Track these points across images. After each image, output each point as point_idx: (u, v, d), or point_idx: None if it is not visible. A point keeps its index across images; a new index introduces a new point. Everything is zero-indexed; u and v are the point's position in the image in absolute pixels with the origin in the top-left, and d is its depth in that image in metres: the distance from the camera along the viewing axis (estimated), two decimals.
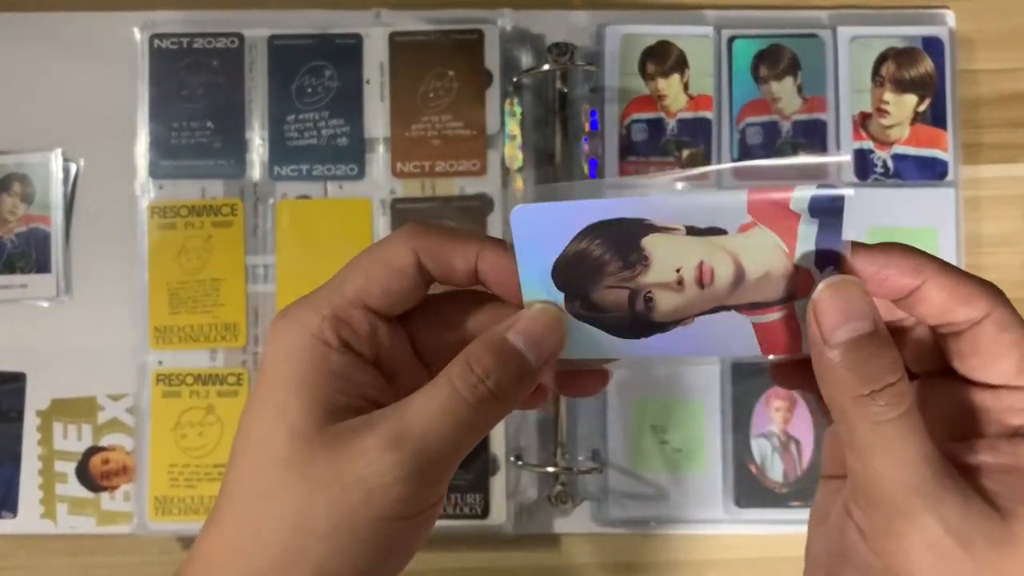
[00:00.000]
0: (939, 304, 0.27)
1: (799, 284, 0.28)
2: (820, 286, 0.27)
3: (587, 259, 0.29)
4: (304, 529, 0.27)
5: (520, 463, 0.54)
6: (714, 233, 0.28)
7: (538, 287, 0.29)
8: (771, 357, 0.29)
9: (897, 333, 0.29)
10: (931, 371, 0.29)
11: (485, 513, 0.54)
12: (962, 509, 0.25)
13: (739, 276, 0.28)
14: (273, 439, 0.28)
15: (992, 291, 0.27)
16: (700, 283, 0.29)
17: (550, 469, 0.53)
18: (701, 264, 0.28)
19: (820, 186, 0.28)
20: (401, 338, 0.31)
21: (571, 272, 0.29)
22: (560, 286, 0.29)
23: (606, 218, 0.28)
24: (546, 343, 0.29)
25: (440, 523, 0.54)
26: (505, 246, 0.29)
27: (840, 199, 0.28)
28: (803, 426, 0.55)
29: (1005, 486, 0.25)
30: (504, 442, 0.54)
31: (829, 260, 0.28)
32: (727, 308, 0.29)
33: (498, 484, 0.54)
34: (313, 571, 0.27)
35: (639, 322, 0.29)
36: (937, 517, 0.25)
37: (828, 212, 0.28)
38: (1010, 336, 0.26)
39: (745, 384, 0.54)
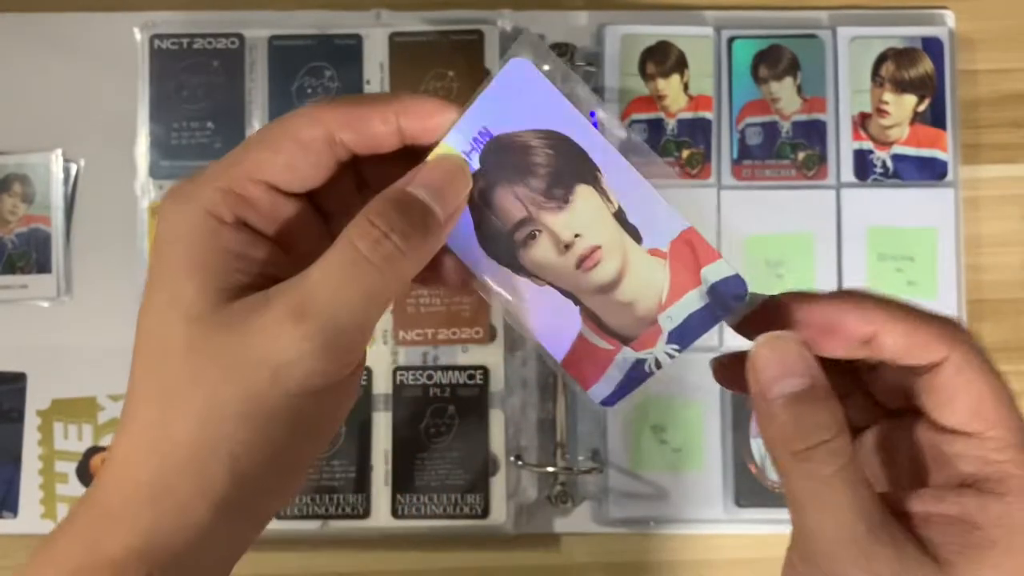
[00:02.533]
0: (895, 352, 0.27)
1: (645, 335, 0.28)
2: (758, 340, 0.27)
3: (525, 156, 0.28)
4: (214, 418, 0.25)
5: (520, 463, 0.54)
6: (632, 233, 0.28)
7: (462, 140, 0.28)
8: (564, 373, 0.29)
9: (868, 369, 0.29)
10: (903, 408, 0.29)
11: (485, 513, 0.54)
12: (896, 563, 0.25)
13: (612, 285, 0.28)
14: (169, 329, 0.26)
15: (950, 331, 0.26)
16: (580, 263, 0.28)
17: (550, 469, 0.54)
18: (596, 249, 0.28)
19: (735, 276, 0.28)
20: (309, 216, 0.28)
21: (501, 155, 0.28)
22: (482, 157, 0.28)
23: (575, 139, 0.28)
24: (450, 192, 0.27)
25: (440, 523, 0.55)
26: (431, 102, 0.28)
27: (741, 298, 0.28)
28: None
29: (946, 537, 0.25)
30: (504, 442, 0.54)
31: (684, 339, 0.28)
32: (577, 303, 0.28)
33: (498, 484, 0.54)
34: (228, 459, 0.25)
35: (505, 247, 0.28)
36: (869, 572, 0.25)
37: (720, 300, 0.28)
38: (966, 378, 0.26)
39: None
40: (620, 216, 0.28)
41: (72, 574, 0.26)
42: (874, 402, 0.30)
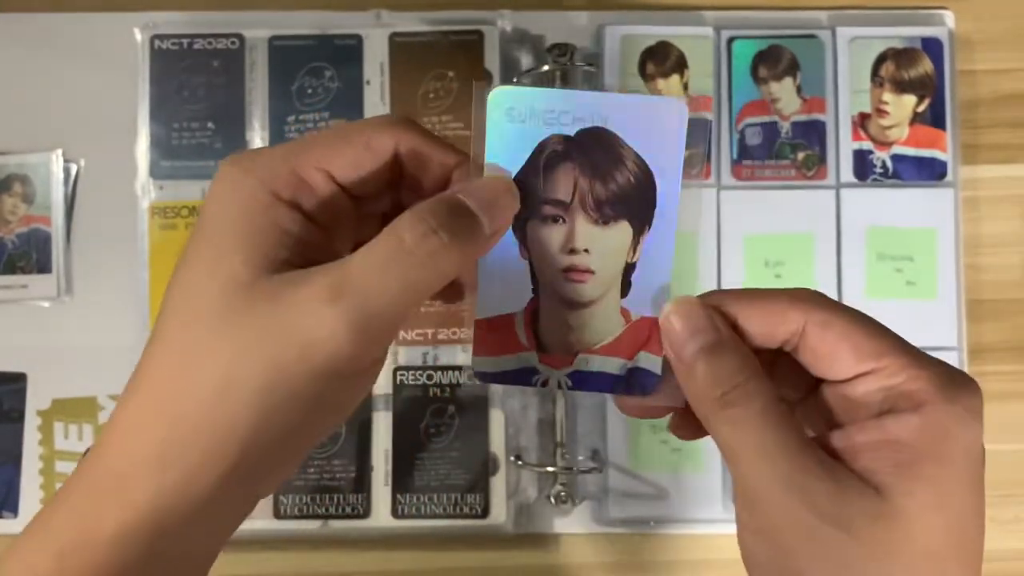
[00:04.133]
0: (760, 332, 0.28)
1: (559, 357, 0.30)
2: (665, 309, 0.28)
3: (611, 166, 0.28)
4: (233, 388, 0.25)
5: (520, 463, 0.54)
6: (624, 287, 0.29)
7: (585, 106, 0.29)
8: (472, 327, 0.30)
9: (777, 355, 0.29)
10: (812, 385, 0.29)
11: (485, 513, 0.54)
12: (834, 493, 0.25)
13: (575, 306, 0.30)
14: (206, 289, 0.26)
15: (801, 298, 0.28)
16: (569, 270, 0.29)
17: (550, 469, 0.54)
18: (589, 272, 0.29)
19: (651, 377, 0.29)
20: (352, 213, 0.29)
21: (596, 145, 0.28)
22: (582, 132, 0.29)
23: (658, 189, 0.29)
24: (499, 209, 0.28)
25: (440, 523, 0.55)
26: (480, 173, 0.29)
27: (626, 392, 0.30)
28: None
29: (879, 461, 0.26)
30: (504, 442, 0.54)
31: (581, 383, 0.30)
32: (535, 293, 0.30)
33: (498, 484, 0.54)
34: (241, 432, 0.25)
35: (526, 201, 0.29)
36: (809, 506, 0.25)
37: (627, 383, 0.30)
38: (834, 333, 0.27)
39: None
40: (629, 269, 0.29)
41: (62, 552, 0.25)
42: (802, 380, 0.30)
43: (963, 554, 0.25)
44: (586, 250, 0.29)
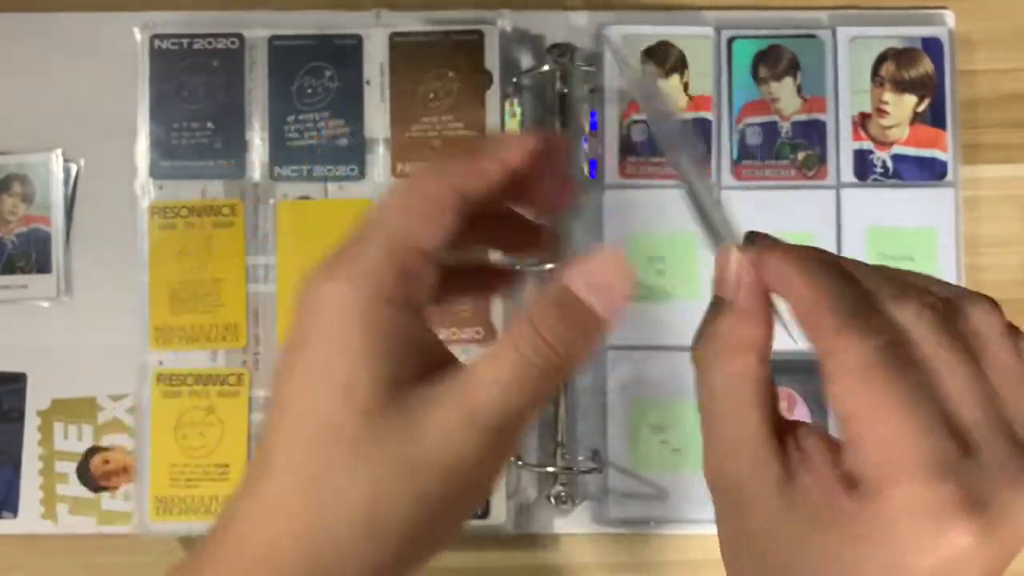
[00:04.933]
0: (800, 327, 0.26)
1: None
2: (730, 248, 0.28)
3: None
4: (379, 520, 0.25)
5: (520, 463, 0.54)
6: None
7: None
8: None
9: None
10: None
11: (485, 513, 0.54)
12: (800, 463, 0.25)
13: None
14: (338, 412, 0.25)
15: (832, 333, 0.24)
16: None
17: (550, 469, 0.54)
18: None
19: None
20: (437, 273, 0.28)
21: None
22: None
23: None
24: (616, 291, 0.27)
25: None
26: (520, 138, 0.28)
27: None
28: None
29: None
30: None
31: None
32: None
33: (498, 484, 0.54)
34: (390, 568, 0.25)
35: None
36: (765, 474, 0.25)
37: None
38: (837, 388, 0.24)
39: None
40: None
41: None
42: None
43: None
44: None
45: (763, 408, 0.26)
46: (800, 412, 0.55)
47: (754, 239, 0.28)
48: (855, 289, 0.25)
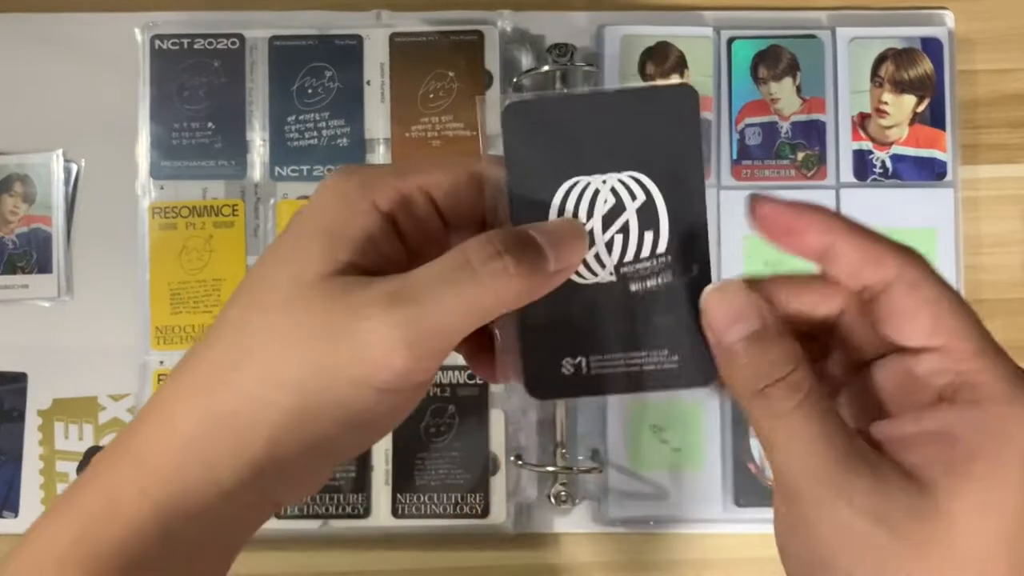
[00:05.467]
0: (849, 264, 0.27)
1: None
2: (706, 291, 0.27)
3: None
4: (276, 380, 0.26)
5: (520, 463, 0.54)
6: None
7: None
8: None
9: (828, 327, 0.29)
10: (873, 355, 0.28)
11: (485, 513, 0.54)
12: (874, 488, 0.24)
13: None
14: (271, 280, 0.27)
15: (903, 252, 0.27)
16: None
17: (550, 469, 0.54)
18: None
19: None
20: (442, 236, 0.30)
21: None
22: None
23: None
24: (567, 249, 0.28)
25: (440, 523, 0.55)
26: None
27: None
28: None
29: (927, 457, 0.25)
30: (504, 442, 0.54)
31: None
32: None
33: (498, 484, 0.54)
34: (274, 425, 0.26)
35: None
36: (846, 501, 0.24)
37: None
38: (921, 294, 0.26)
39: None
40: None
41: (84, 524, 0.26)
42: (852, 360, 0.29)
43: (1010, 562, 0.24)
44: None
45: (837, 416, 0.26)
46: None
47: (756, 200, 0.29)
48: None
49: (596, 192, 0.29)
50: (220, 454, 0.26)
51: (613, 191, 0.29)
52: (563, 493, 0.54)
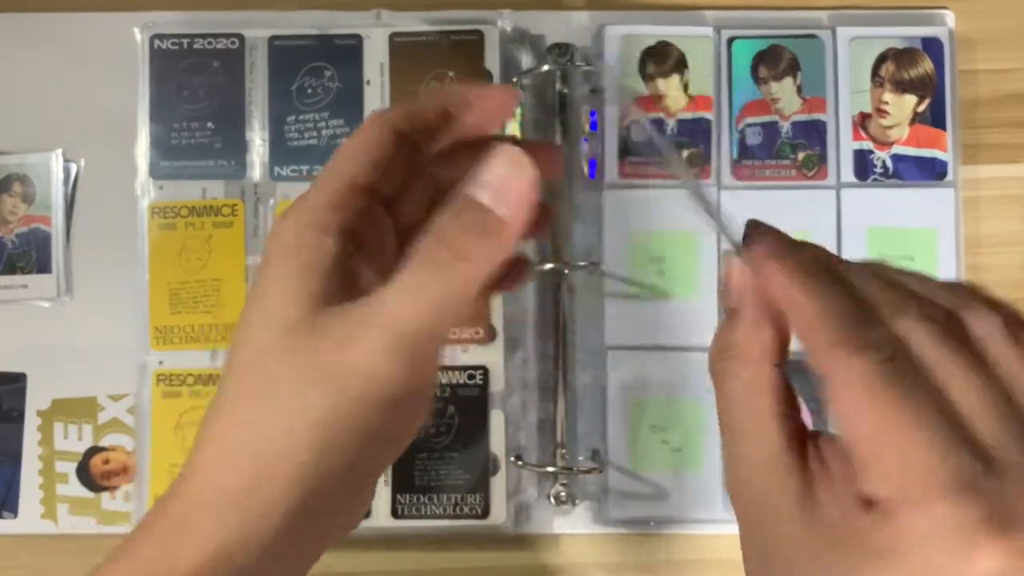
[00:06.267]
0: (798, 339, 0.25)
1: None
2: (733, 259, 0.27)
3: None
4: (296, 424, 0.26)
5: (520, 463, 0.54)
6: None
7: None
8: None
9: None
10: None
11: (485, 513, 0.54)
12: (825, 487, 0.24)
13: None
14: (261, 336, 0.27)
15: (842, 343, 0.23)
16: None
17: (550, 469, 0.54)
18: None
19: None
20: (390, 226, 0.30)
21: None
22: None
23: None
24: (514, 188, 0.27)
25: (440, 523, 0.55)
26: (484, 87, 0.30)
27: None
28: None
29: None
30: (504, 442, 0.54)
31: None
32: None
33: (498, 484, 0.54)
34: (304, 466, 0.26)
35: None
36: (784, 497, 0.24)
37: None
38: (843, 404, 0.23)
39: None
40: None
41: None
42: None
43: None
44: None
45: (780, 418, 0.26)
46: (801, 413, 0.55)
47: (752, 232, 0.27)
48: (853, 302, 0.24)
49: None
50: (265, 503, 0.26)
51: None
52: (563, 493, 0.54)
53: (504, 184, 0.27)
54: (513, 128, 0.55)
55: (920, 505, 0.21)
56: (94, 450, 0.56)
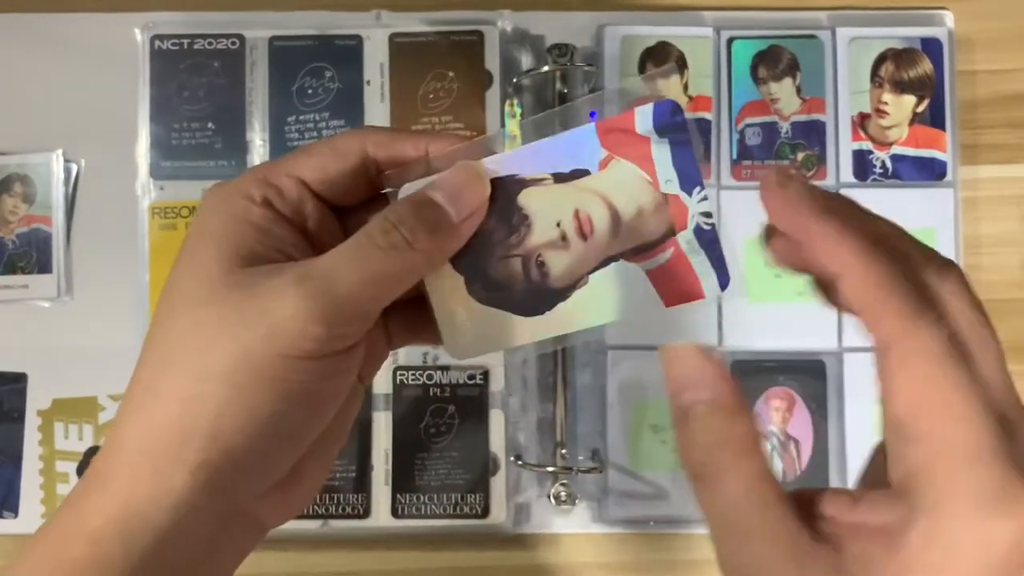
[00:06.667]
0: (853, 308, 0.25)
1: (675, 214, 0.28)
2: (661, 348, 0.27)
3: (475, 232, 0.30)
4: (204, 373, 0.26)
5: (520, 463, 0.54)
6: (578, 175, 0.29)
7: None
8: (675, 307, 0.29)
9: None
10: None
11: (485, 513, 0.54)
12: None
13: (615, 218, 0.29)
14: (183, 286, 0.28)
15: (908, 314, 0.24)
16: (581, 233, 0.29)
17: (550, 469, 0.54)
18: (577, 212, 0.29)
19: (656, 103, 0.28)
20: (335, 225, 0.31)
21: (465, 251, 0.30)
22: (460, 269, 0.30)
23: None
24: (466, 196, 0.29)
25: (440, 523, 0.55)
26: (458, 138, 0.31)
27: (678, 110, 0.27)
28: (802, 426, 0.55)
29: (867, 555, 0.24)
30: (504, 442, 0.54)
31: (693, 181, 0.28)
32: (615, 258, 0.29)
33: (498, 484, 0.54)
34: (213, 416, 0.26)
35: (539, 293, 0.29)
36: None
37: (672, 128, 0.28)
38: (907, 375, 0.24)
39: (744, 383, 0.55)
40: (559, 177, 0.30)
41: (56, 547, 0.26)
42: None
43: None
44: (558, 223, 0.30)
45: (786, 501, 0.25)
46: (799, 413, 0.55)
47: (785, 180, 0.28)
48: (911, 273, 0.25)
49: None
50: (165, 460, 0.26)
51: None
52: (563, 493, 0.54)
53: (458, 191, 0.29)
54: (513, 128, 0.55)
55: (960, 470, 0.22)
56: (94, 450, 0.56)
